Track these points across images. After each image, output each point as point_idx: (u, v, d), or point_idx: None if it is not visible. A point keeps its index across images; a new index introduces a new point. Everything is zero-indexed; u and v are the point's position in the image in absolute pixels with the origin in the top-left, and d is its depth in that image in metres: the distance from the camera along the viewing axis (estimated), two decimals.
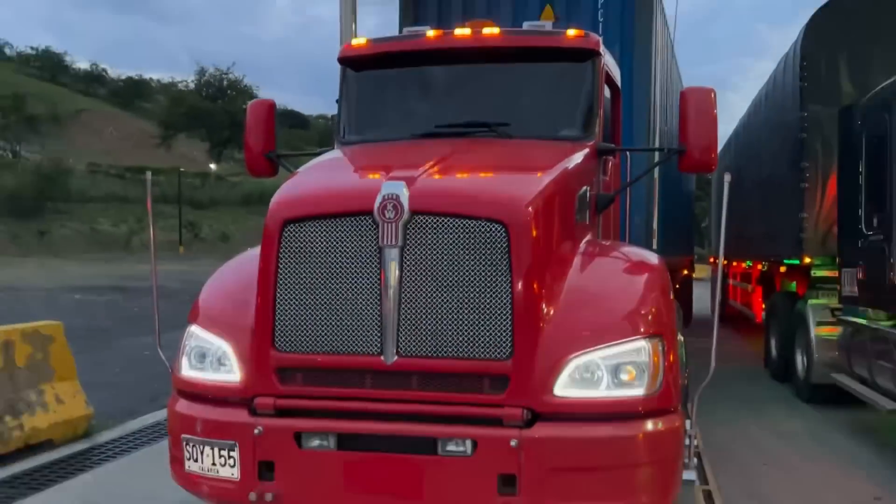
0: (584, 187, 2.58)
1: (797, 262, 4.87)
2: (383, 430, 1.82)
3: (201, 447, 1.95)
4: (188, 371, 2.12)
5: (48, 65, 41.13)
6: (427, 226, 1.83)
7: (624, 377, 1.84)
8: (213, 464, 1.91)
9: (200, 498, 2.18)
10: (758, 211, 5.51)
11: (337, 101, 3.15)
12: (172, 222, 29.54)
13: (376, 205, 1.78)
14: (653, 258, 2.43)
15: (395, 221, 1.77)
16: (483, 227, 1.84)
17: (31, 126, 31.70)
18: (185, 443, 1.99)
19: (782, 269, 5.24)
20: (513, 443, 1.72)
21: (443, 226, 1.84)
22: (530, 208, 1.94)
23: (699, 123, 2.71)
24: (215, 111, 35.59)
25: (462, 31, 2.97)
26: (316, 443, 1.84)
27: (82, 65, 47.58)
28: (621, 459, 1.80)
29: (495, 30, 2.92)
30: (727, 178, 2.47)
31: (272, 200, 2.08)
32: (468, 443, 1.74)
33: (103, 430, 4.28)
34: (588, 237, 2.58)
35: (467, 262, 1.85)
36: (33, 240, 23.37)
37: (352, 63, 3.13)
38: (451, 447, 1.77)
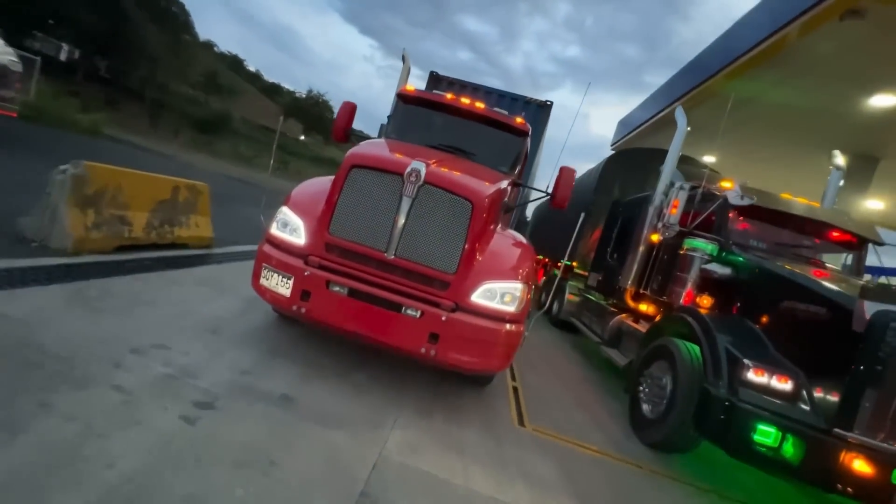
0: (505, 198, 4.05)
1: (569, 262, 8.44)
2: (374, 293, 2.97)
3: (272, 273, 3.08)
4: (275, 231, 3.23)
5: (233, 63, 74.38)
6: (432, 192, 3.06)
7: (506, 299, 3.11)
8: (277, 285, 3.05)
9: (263, 300, 3.31)
10: (557, 234, 9.12)
11: (388, 116, 5.17)
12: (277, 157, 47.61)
13: (406, 172, 2.99)
14: (530, 244, 3.87)
15: (414, 184, 2.99)
16: (461, 201, 3.10)
17: (217, 89, 54.26)
18: (263, 269, 3.14)
19: (559, 263, 8.72)
20: (443, 318, 3.04)
21: (440, 194, 3.07)
22: (486, 198, 3.16)
23: (565, 184, 4.48)
24: (311, 110, 64.05)
25: (465, 100, 4.79)
26: (336, 289, 2.98)
27: (252, 69, 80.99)
28: (492, 339, 3.04)
29: (482, 104, 4.80)
30: (582, 215, 4.94)
31: (348, 153, 3.25)
32: (419, 312, 3.11)
33: (217, 247, 6.27)
34: (501, 224, 3.96)
35: (447, 217, 3.08)
36: (205, 146, 40.24)
37: (403, 98, 4.93)
38: (409, 311, 3.06)
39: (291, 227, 3.29)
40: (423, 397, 3.49)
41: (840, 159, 5.77)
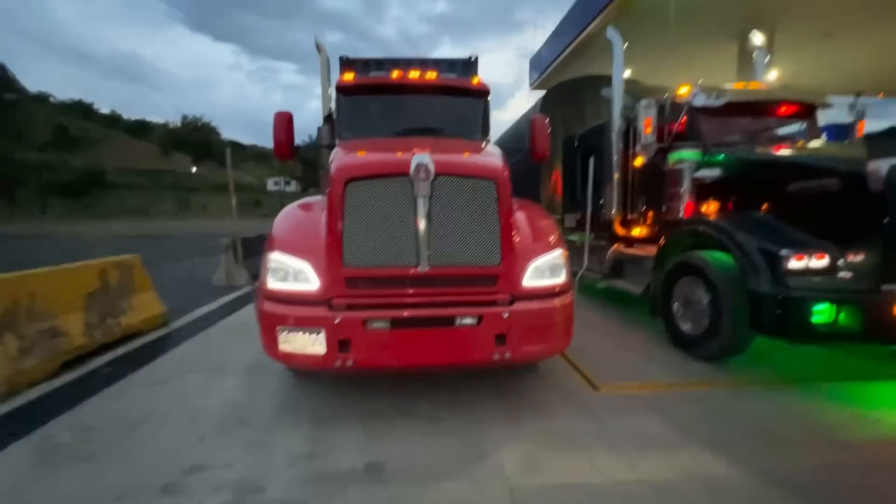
0: None
1: None
2: (419, 315, 2.63)
3: (294, 334, 2.60)
4: (274, 284, 2.72)
5: (80, 109, 67.11)
6: (448, 183, 2.66)
7: (554, 272, 2.91)
8: (305, 345, 2.59)
9: (292, 367, 3.00)
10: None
11: (326, 118, 4.54)
12: (171, 196, 46.05)
13: (412, 169, 2.54)
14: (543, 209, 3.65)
15: (426, 180, 2.55)
16: (484, 182, 2.75)
17: (73, 144, 47.41)
18: (280, 332, 2.62)
19: None
20: (505, 315, 2.73)
21: (458, 183, 2.70)
22: (505, 173, 2.84)
23: (541, 135, 4.26)
24: (193, 138, 59.53)
25: (414, 74, 4.27)
26: (376, 325, 2.60)
27: (105, 111, 74.65)
28: (552, 319, 2.82)
29: (433, 74, 4.30)
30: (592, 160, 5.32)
31: (334, 168, 2.78)
32: (476, 318, 2.75)
33: (174, 321, 5.36)
34: None
35: (473, 205, 2.72)
36: (84, 211, 35.60)
37: (343, 90, 4.27)
38: (465, 321, 2.71)
39: (294, 274, 2.75)
40: (495, 400, 3.20)
41: (759, 38, 6.06)
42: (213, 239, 10.15)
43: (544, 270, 2.91)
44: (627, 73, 11.24)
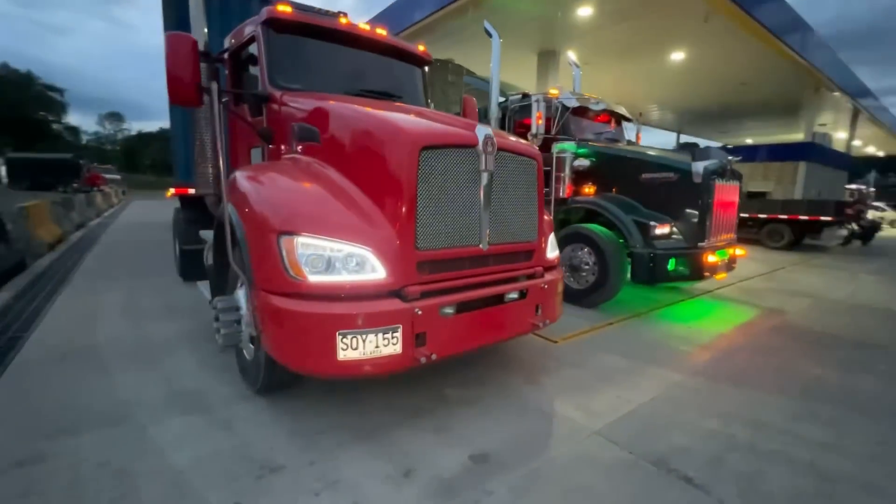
0: None
1: None
2: (476, 296, 2.56)
3: (363, 336, 2.11)
4: (317, 277, 2.15)
5: None
6: (504, 158, 2.70)
7: (554, 245, 3.34)
8: (377, 347, 2.14)
9: (357, 376, 2.21)
10: None
11: (211, 56, 3.46)
12: None
13: (480, 141, 2.47)
14: None
15: (492, 154, 2.52)
16: (529, 161, 2.91)
17: None
18: (342, 337, 2.09)
19: None
20: (544, 286, 2.97)
21: (511, 159, 2.77)
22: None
23: (471, 115, 4.63)
24: None
25: (364, 26, 3.76)
26: (446, 311, 2.43)
27: None
28: (560, 287, 3.25)
29: (384, 31, 3.89)
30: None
31: (401, 132, 2.38)
32: (518, 292, 2.86)
33: None
34: None
35: (521, 182, 2.85)
36: None
37: (275, 25, 3.38)
38: (511, 296, 2.82)
39: (344, 260, 2.21)
40: (498, 371, 3.40)
41: (574, 57, 7.82)
42: None
43: (552, 244, 3.27)
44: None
